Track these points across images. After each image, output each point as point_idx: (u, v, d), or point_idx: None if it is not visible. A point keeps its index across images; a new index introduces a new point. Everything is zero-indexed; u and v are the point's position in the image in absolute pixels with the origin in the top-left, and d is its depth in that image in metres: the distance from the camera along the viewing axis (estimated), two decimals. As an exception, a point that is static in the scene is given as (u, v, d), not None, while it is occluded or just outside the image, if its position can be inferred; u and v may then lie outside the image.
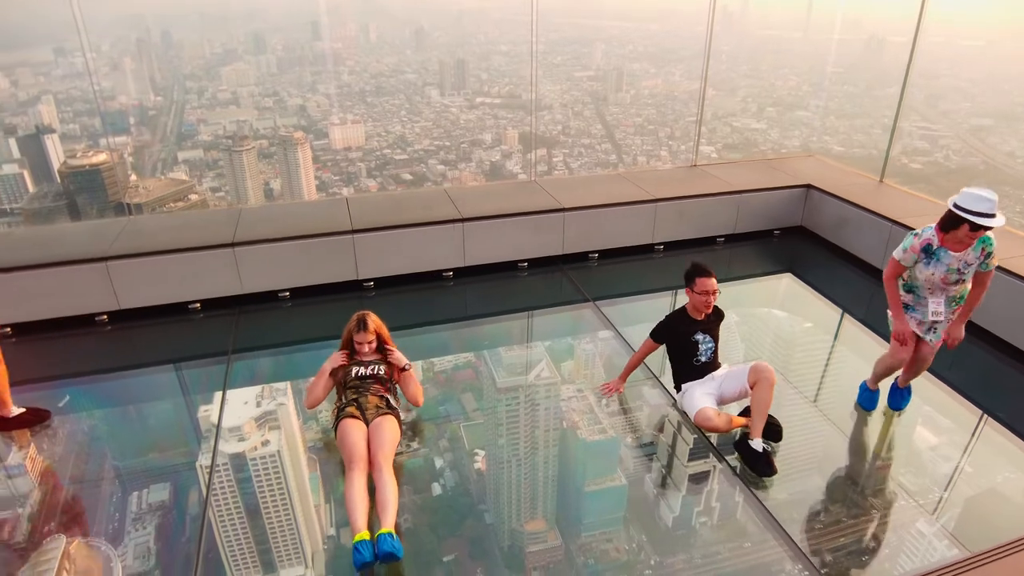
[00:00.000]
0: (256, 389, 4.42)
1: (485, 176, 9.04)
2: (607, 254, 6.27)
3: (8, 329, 5.04)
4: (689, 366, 4.14)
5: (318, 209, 6.10)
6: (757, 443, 3.78)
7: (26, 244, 5.35)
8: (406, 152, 8.73)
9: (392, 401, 3.83)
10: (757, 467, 3.73)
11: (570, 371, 4.81)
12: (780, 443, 3.96)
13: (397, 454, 3.79)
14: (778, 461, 3.79)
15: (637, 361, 4.36)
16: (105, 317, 5.18)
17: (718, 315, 4.23)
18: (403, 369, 3.99)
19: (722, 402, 4.04)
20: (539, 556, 3.34)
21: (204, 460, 3.81)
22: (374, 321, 4.10)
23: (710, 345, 4.13)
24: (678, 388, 4.18)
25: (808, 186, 6.71)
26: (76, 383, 4.69)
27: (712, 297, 4.08)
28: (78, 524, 3.47)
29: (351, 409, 3.68)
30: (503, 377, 4.65)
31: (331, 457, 3.84)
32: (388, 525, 3.18)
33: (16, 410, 4.16)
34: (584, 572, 3.26)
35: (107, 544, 3.32)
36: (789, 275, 6.27)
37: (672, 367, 4.24)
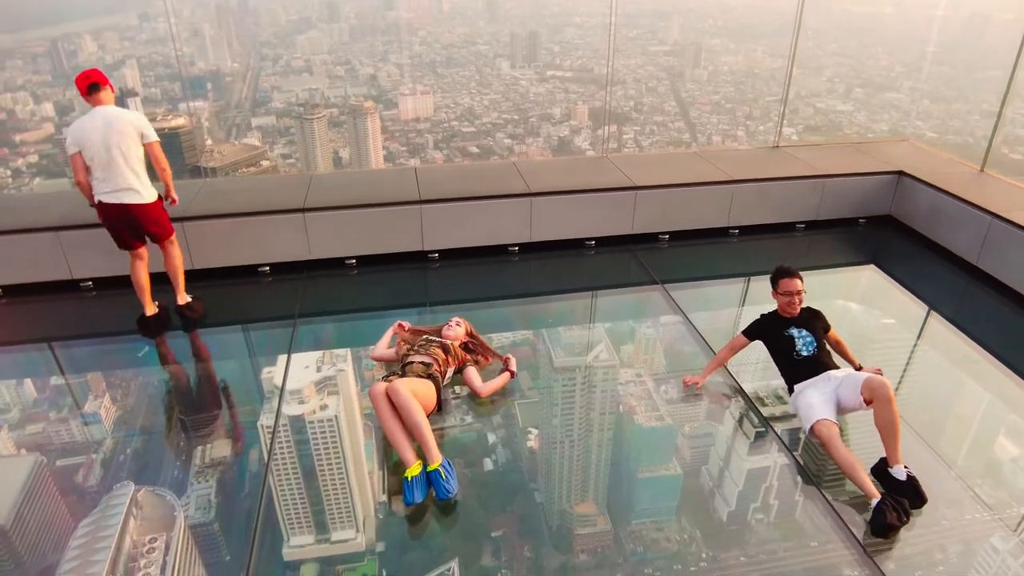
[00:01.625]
0: (317, 354, 4.52)
1: (552, 151, 8.92)
2: (679, 236, 6.12)
3: (89, 283, 5.33)
4: (791, 363, 3.98)
5: (386, 178, 6.16)
6: (899, 471, 3.43)
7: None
8: (474, 125, 8.70)
9: (437, 371, 3.87)
10: (906, 498, 3.35)
11: (630, 355, 4.73)
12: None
13: (449, 426, 3.85)
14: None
15: (724, 358, 4.26)
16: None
17: (812, 313, 4.14)
18: (505, 369, 4.20)
19: (840, 409, 3.75)
20: (587, 539, 3.33)
21: (265, 420, 3.94)
22: (467, 325, 4.38)
23: (808, 339, 3.99)
24: (791, 389, 3.97)
25: (900, 173, 6.35)
26: (148, 339, 4.89)
27: (796, 298, 4.04)
28: (146, 473, 3.66)
29: (392, 378, 3.74)
30: (561, 356, 4.62)
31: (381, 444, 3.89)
32: (431, 461, 3.38)
33: (186, 297, 4.81)
34: (632, 559, 3.22)
35: (171, 494, 3.48)
36: (872, 267, 5.97)
37: (778, 369, 4.08)
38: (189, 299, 5.01)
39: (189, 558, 3.22)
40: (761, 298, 4.83)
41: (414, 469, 3.30)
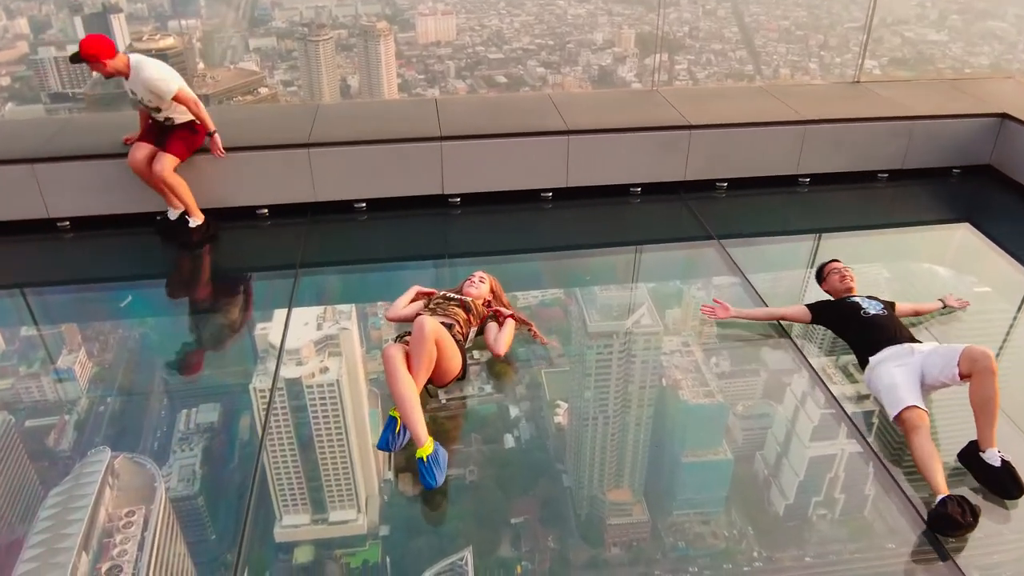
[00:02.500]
0: (319, 310, 4.49)
1: (592, 83, 8.77)
2: (739, 184, 5.98)
3: (66, 223, 5.32)
4: (860, 325, 3.91)
5: (403, 110, 6.10)
6: (993, 455, 3.30)
7: (88, 132, 5.58)
8: (502, 51, 8.54)
9: (459, 332, 3.80)
10: (1000, 486, 3.26)
11: (676, 320, 4.65)
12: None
13: (467, 396, 3.79)
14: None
15: (770, 315, 4.28)
16: (168, 216, 5.29)
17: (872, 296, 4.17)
18: (509, 316, 4.06)
19: (924, 386, 3.62)
20: (621, 530, 3.27)
21: (259, 383, 3.91)
22: (493, 281, 4.30)
23: (875, 302, 4.01)
24: (864, 362, 3.85)
25: (1003, 115, 6.06)
26: (131, 286, 4.94)
27: (846, 272, 4.29)
28: (124, 438, 3.65)
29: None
30: (596, 320, 4.56)
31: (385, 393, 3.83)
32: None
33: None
34: (672, 555, 3.15)
35: (152, 463, 3.47)
36: (967, 225, 5.75)
37: (848, 342, 4.02)
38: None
39: (170, 535, 3.20)
40: (835, 258, 4.66)
41: (427, 448, 3.24)
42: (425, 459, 3.22)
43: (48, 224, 5.31)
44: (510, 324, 4.06)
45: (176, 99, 4.77)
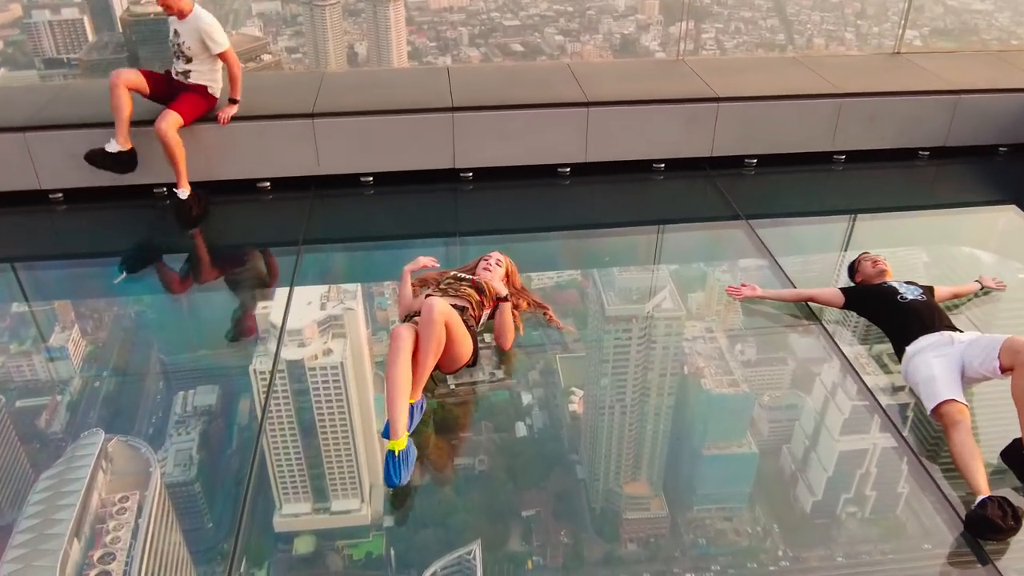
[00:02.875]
0: (322, 289, 4.48)
1: (614, 52, 8.71)
2: (769, 161, 5.91)
3: (60, 195, 5.32)
4: (896, 310, 3.86)
5: (413, 79, 6.05)
6: None
7: (83, 99, 5.56)
8: (518, 17, 8.49)
9: (471, 316, 3.76)
10: None
11: (699, 305, 4.62)
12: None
13: (477, 382, 3.76)
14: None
15: (799, 296, 4.25)
16: (164, 190, 5.36)
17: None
18: (503, 299, 3.93)
19: (964, 378, 3.56)
20: (638, 526, 3.26)
21: (259, 364, 3.91)
22: (510, 264, 4.24)
23: (913, 287, 3.97)
24: (899, 352, 3.80)
25: (1055, 90, 5.96)
26: (126, 261, 4.96)
27: (878, 258, 4.26)
28: (118, 420, 3.66)
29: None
30: (614, 304, 4.54)
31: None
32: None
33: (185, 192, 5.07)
34: (692, 553, 3.13)
35: (147, 446, 3.47)
36: (1013, 208, 5.65)
37: (884, 329, 3.98)
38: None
39: (165, 522, 3.21)
40: (870, 242, 4.63)
41: (401, 443, 3.15)
42: (397, 453, 3.12)
43: (40, 196, 5.31)
44: (505, 311, 3.90)
45: (223, 55, 4.97)
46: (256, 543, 3.09)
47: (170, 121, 4.87)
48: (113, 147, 4.92)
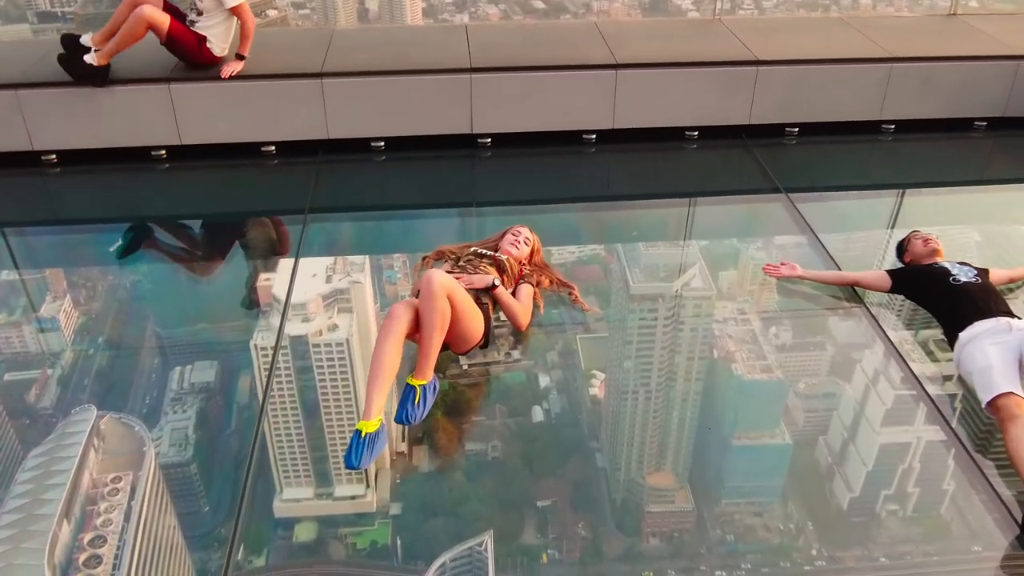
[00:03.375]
0: (328, 260, 4.48)
1: (643, 10, 8.60)
2: (812, 130, 5.85)
3: (53, 157, 5.34)
4: (948, 292, 3.80)
5: (428, 38, 6.03)
6: None
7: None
8: (540, -29, 8.42)
9: (487, 300, 3.71)
10: None
11: (731, 284, 4.59)
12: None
13: (490, 363, 3.75)
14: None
15: (842, 279, 4.22)
16: (163, 153, 5.38)
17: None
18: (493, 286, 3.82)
19: (1022, 369, 3.50)
20: (661, 519, 3.24)
21: (260, 340, 3.91)
22: (536, 242, 4.20)
23: (967, 268, 3.90)
24: (953, 338, 3.74)
25: None
26: (122, 228, 4.96)
27: (929, 236, 4.20)
28: (111, 396, 3.68)
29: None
30: (640, 281, 4.52)
31: (408, 354, 3.80)
32: (420, 376, 3.26)
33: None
34: (719, 550, 3.10)
35: (141, 424, 3.48)
36: (1077, 182, 5.61)
37: (934, 313, 3.93)
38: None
39: (159, 505, 3.23)
40: (920, 219, 4.55)
41: (372, 425, 3.07)
42: (363, 435, 3.04)
43: (32, 157, 5.32)
44: (525, 292, 3.89)
45: (236, 10, 5.02)
46: (255, 529, 3.10)
47: (155, 11, 4.90)
48: (92, 58, 4.95)
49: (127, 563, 2.91)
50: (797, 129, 5.84)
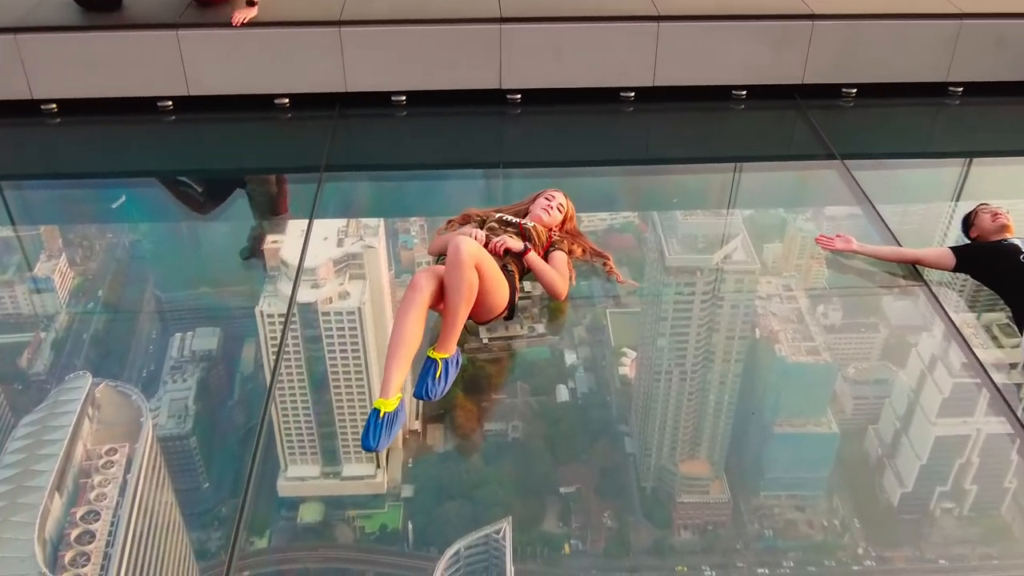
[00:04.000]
0: (340, 223, 4.49)
1: None
2: (871, 91, 5.78)
3: (53, 106, 5.37)
4: (1019, 272, 3.76)
5: None
6: None
7: None
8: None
9: (513, 265, 3.71)
10: None
11: (777, 258, 4.57)
12: None
13: (512, 336, 3.76)
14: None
15: (901, 256, 4.17)
16: (169, 104, 5.40)
17: None
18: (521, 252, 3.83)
19: None
20: (694, 511, 3.23)
21: (267, 306, 3.92)
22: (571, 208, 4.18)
23: None
24: (1022, 322, 3.72)
25: None
26: (122, 183, 5.03)
27: (999, 210, 4.12)
28: (107, 363, 3.72)
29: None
30: (677, 252, 4.49)
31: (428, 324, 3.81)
32: (442, 350, 3.25)
33: None
34: (756, 546, 3.09)
35: (139, 394, 3.50)
36: None
37: (1002, 294, 3.89)
38: None
39: (156, 480, 3.24)
40: (989, 191, 4.44)
41: (390, 403, 3.08)
42: (382, 414, 3.06)
43: (31, 106, 5.36)
44: (560, 258, 3.87)
45: None
46: (257, 508, 3.10)
47: None
48: None
49: (121, 540, 2.91)
50: (855, 90, 5.78)
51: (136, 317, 4.06)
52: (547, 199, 4.04)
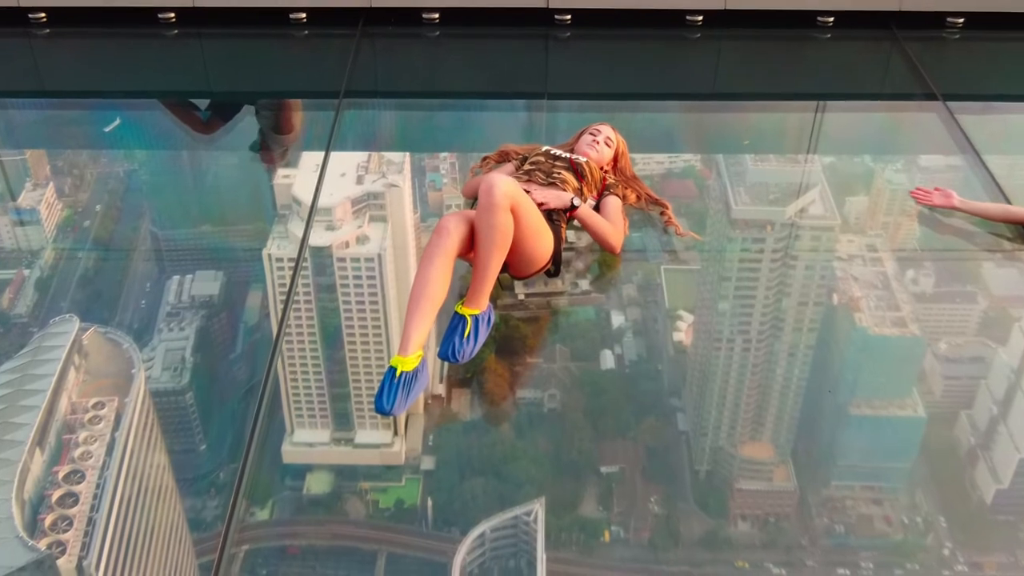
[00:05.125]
0: (360, 157, 4.50)
1: None
2: (982, 21, 5.67)
3: (42, 15, 5.38)
4: None
5: None
6: None
7: None
8: None
9: (559, 215, 3.65)
10: None
11: (861, 213, 4.51)
12: None
13: (552, 293, 3.74)
14: None
15: (1010, 216, 4.07)
16: (172, 16, 5.40)
17: None
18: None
19: None
20: (754, 500, 3.21)
21: (276, 249, 3.93)
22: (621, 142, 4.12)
23: None
24: None
25: None
26: (118, 104, 5.04)
27: None
28: (96, 306, 3.76)
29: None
30: (744, 203, 4.46)
31: (458, 274, 3.77)
32: (473, 305, 3.21)
33: None
34: (824, 543, 3.06)
35: (130, 342, 3.52)
36: None
37: None
38: None
39: (148, 439, 3.26)
40: None
41: (410, 362, 3.04)
42: (399, 373, 3.04)
43: (17, 15, 5.38)
44: (613, 206, 3.82)
45: None
46: (259, 475, 3.11)
47: None
48: None
49: (107, 505, 2.93)
50: (962, 20, 5.68)
51: (130, 256, 4.09)
52: (592, 134, 4.00)
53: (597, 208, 3.81)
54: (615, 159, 4.05)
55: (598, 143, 3.95)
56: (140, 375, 3.36)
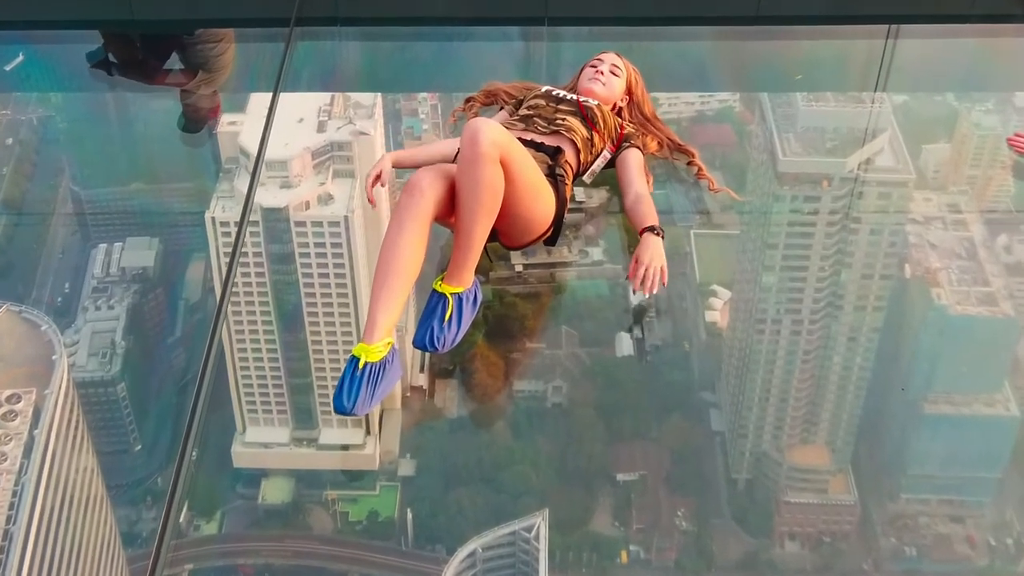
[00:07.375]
0: (322, 99, 4.50)
1: None
2: None
3: None
4: None
5: None
6: None
7: None
8: None
9: (565, 163, 3.60)
10: None
11: (941, 166, 4.56)
12: None
13: (556, 264, 3.76)
14: None
15: None
16: None
17: None
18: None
19: None
20: (805, 515, 3.24)
21: (220, 211, 3.94)
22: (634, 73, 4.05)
23: None
24: None
25: None
26: (31, 36, 5.03)
27: None
28: (8, 281, 3.82)
29: None
30: (794, 153, 4.47)
31: (437, 244, 3.76)
32: (455, 283, 3.17)
33: None
34: (892, 567, 3.14)
35: (50, 322, 3.56)
36: None
37: None
38: None
39: (73, 438, 3.32)
40: None
41: (376, 351, 2.97)
42: (362, 364, 2.96)
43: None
44: (635, 160, 3.73)
45: None
46: (205, 481, 3.18)
47: None
48: None
49: (25, 517, 2.99)
50: None
51: (47, 221, 4.13)
52: (593, 65, 3.92)
53: (613, 164, 3.74)
54: (628, 91, 3.96)
55: (601, 74, 3.86)
56: (62, 362, 3.40)
